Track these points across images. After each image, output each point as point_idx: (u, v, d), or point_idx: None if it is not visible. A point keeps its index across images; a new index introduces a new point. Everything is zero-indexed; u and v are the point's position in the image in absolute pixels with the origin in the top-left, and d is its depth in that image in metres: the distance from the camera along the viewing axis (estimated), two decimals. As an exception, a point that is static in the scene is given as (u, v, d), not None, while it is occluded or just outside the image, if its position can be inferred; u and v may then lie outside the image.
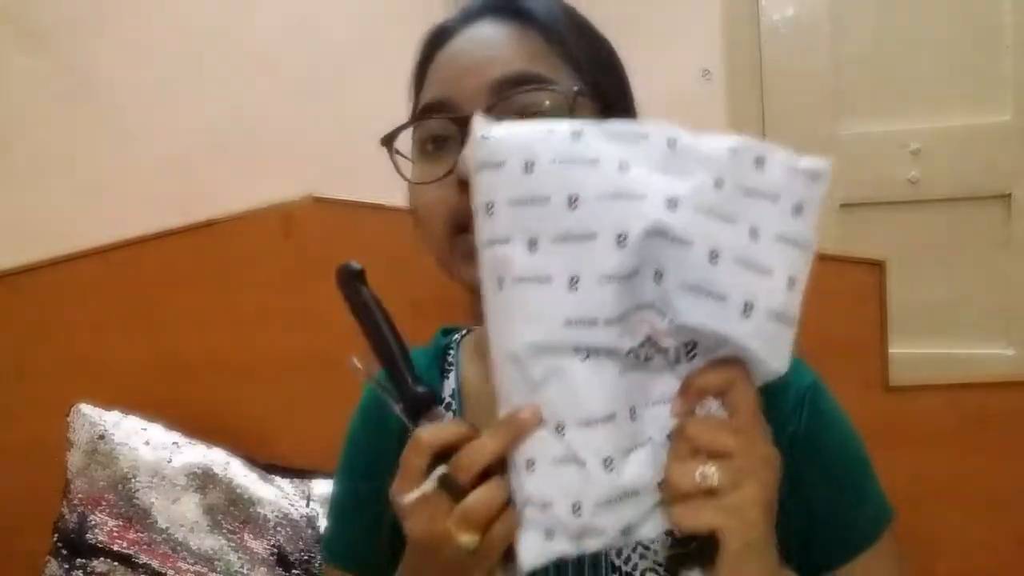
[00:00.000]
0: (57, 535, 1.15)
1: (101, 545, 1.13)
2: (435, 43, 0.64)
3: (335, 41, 1.70)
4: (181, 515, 1.15)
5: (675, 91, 1.42)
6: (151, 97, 1.50)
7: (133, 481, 1.16)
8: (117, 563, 1.12)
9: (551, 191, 0.49)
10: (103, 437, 1.18)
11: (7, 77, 1.38)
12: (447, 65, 0.62)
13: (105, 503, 1.15)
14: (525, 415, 0.50)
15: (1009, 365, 1.80)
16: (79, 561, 1.13)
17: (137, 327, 1.34)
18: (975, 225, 1.85)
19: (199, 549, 1.14)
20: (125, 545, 1.13)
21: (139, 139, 1.49)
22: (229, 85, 1.56)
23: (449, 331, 0.80)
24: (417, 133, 0.63)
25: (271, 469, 1.23)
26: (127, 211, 1.41)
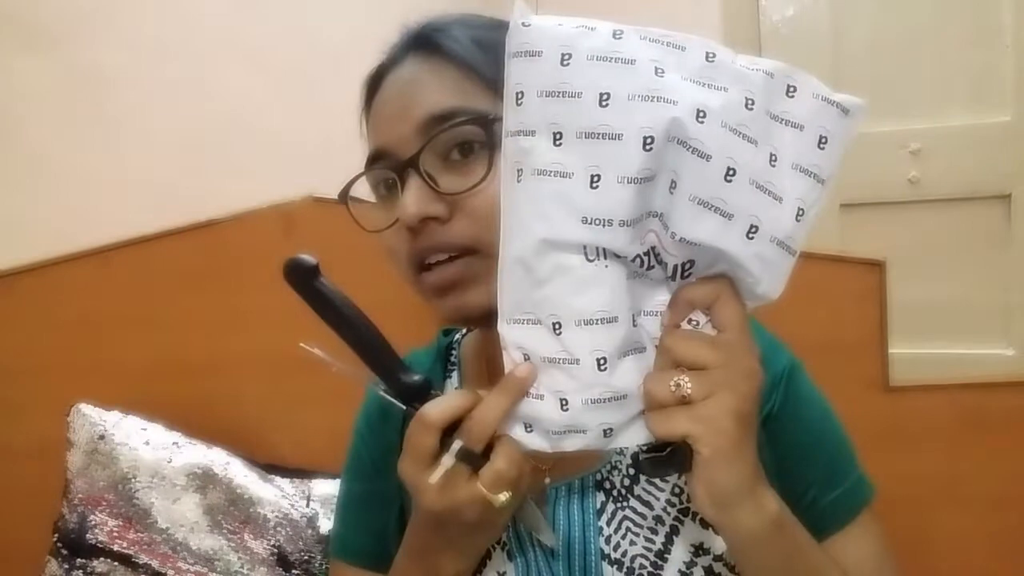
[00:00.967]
0: (57, 535, 1.15)
1: (101, 545, 1.13)
2: (372, 88, 0.66)
3: (335, 41, 1.69)
4: (181, 515, 1.15)
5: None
6: (151, 97, 1.50)
7: (133, 481, 1.16)
8: (117, 563, 1.12)
9: (584, 86, 0.48)
10: (103, 437, 1.18)
11: (7, 77, 1.38)
12: (378, 112, 0.65)
13: (105, 503, 1.15)
14: (522, 372, 0.52)
15: (1009, 365, 1.80)
16: (79, 561, 1.13)
17: (137, 327, 1.34)
18: (975, 225, 1.85)
19: (199, 549, 1.14)
20: (125, 545, 1.13)
21: (139, 139, 1.49)
22: (229, 85, 1.56)
23: (449, 331, 0.81)
24: (370, 179, 0.66)
25: (271, 469, 1.23)
26: (127, 211, 1.41)
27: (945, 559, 1.10)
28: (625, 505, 0.66)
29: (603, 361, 0.50)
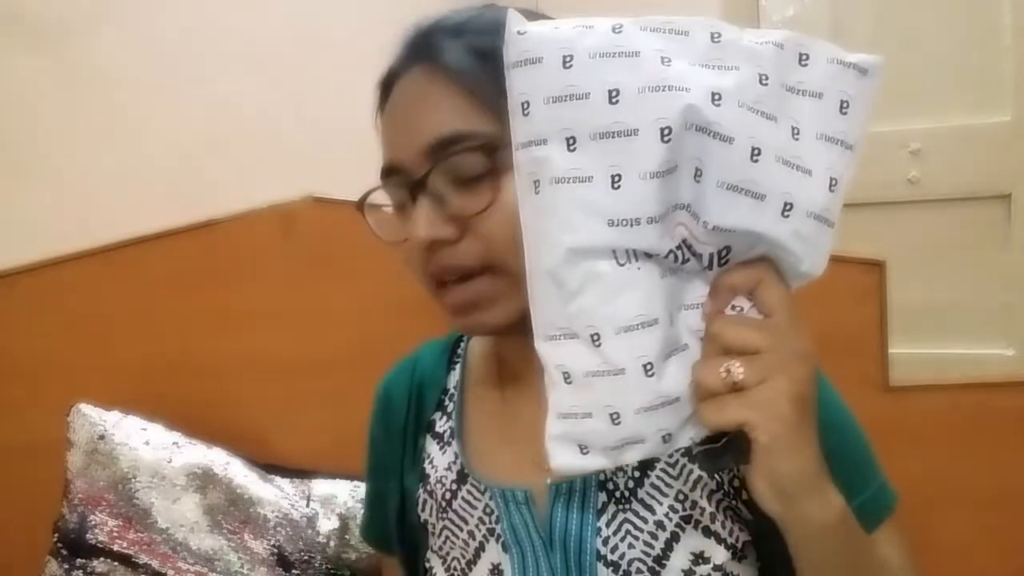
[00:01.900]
0: (57, 535, 1.15)
1: (101, 545, 1.13)
2: (384, 92, 0.66)
3: (336, 41, 1.70)
4: (181, 515, 1.15)
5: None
6: (151, 97, 1.50)
7: (133, 481, 1.16)
8: (117, 563, 1.12)
9: (591, 86, 0.47)
10: (103, 437, 1.18)
11: (7, 76, 1.38)
12: (389, 121, 0.64)
13: (105, 503, 1.15)
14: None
15: (1009, 365, 1.81)
16: (79, 561, 1.13)
17: (137, 327, 1.34)
18: (975, 225, 1.85)
19: (199, 549, 1.14)
20: (125, 545, 1.13)
21: (139, 139, 1.49)
22: (230, 85, 1.56)
23: None
24: (385, 189, 0.65)
25: (271, 469, 1.23)
26: (127, 211, 1.41)
27: (945, 559, 1.10)
28: (627, 508, 0.65)
29: (650, 367, 0.49)
